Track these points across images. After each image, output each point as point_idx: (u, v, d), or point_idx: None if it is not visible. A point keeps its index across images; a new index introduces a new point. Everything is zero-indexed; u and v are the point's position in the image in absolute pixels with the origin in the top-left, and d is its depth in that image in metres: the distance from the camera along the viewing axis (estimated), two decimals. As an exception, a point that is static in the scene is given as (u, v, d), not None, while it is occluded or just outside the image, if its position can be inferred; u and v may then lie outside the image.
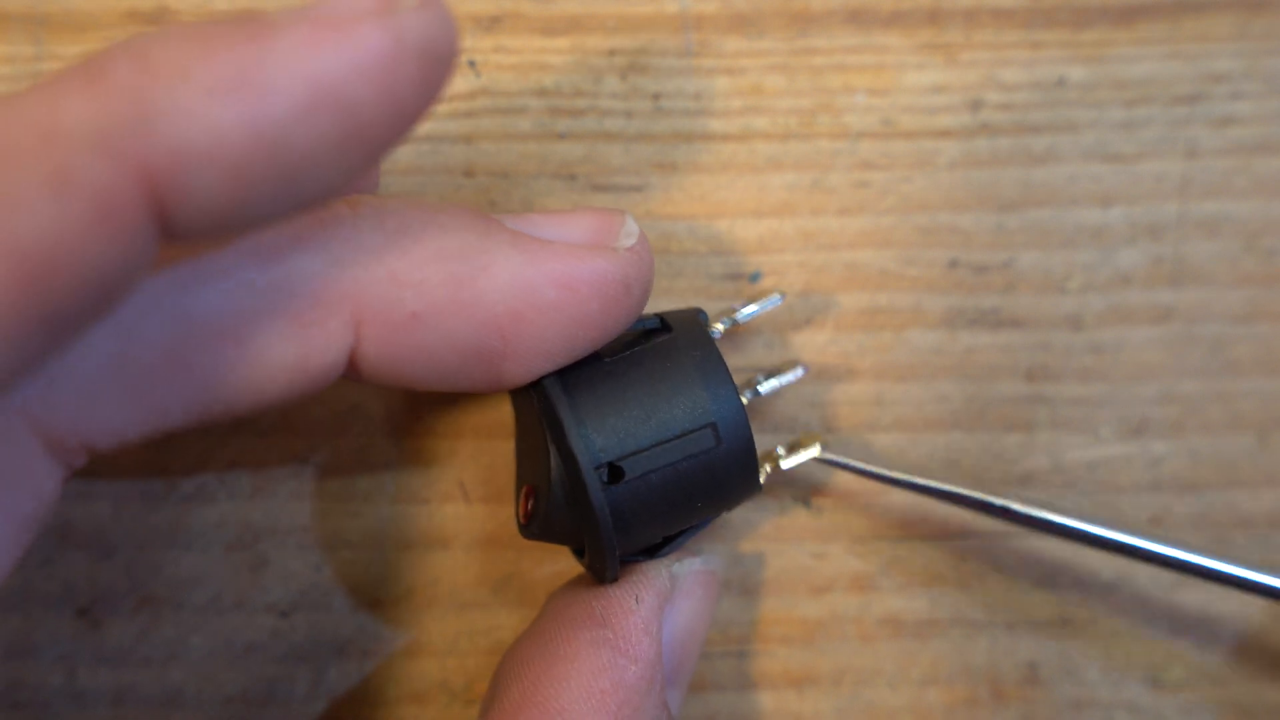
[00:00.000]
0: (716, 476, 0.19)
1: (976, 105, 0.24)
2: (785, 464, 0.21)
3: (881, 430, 0.23)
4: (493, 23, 0.23)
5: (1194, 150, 0.24)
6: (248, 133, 0.13)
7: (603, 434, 0.18)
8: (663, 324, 0.19)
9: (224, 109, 0.13)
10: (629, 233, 0.19)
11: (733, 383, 0.19)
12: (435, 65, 0.15)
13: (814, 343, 0.23)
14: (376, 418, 0.23)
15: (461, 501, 0.23)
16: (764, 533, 0.23)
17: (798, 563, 0.23)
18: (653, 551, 0.20)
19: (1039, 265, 0.23)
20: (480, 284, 0.17)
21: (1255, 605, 0.23)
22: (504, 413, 0.23)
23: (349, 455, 0.23)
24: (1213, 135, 0.24)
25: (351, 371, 0.17)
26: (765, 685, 0.23)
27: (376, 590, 0.23)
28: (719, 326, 0.21)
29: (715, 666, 0.23)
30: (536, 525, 0.19)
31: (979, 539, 0.23)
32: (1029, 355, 0.23)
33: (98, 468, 0.22)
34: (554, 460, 0.18)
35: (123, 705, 0.22)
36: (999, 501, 0.21)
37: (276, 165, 0.14)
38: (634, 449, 0.18)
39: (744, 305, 0.21)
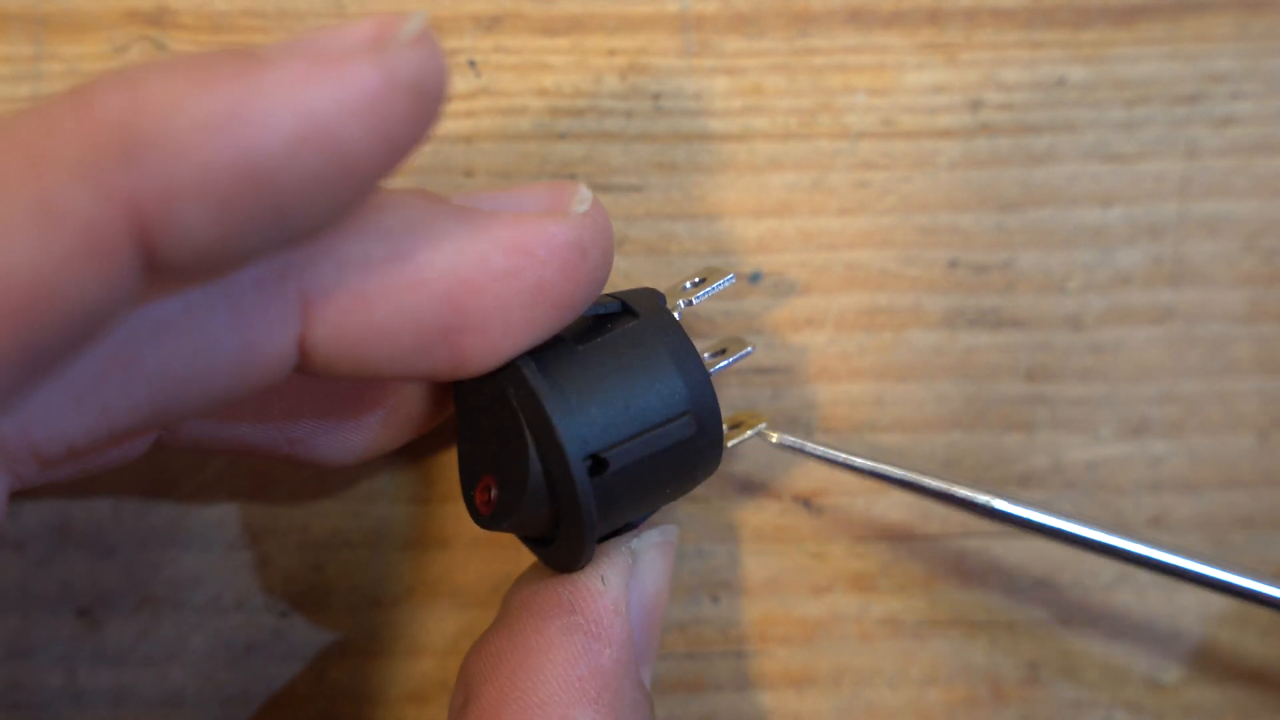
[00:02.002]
0: (689, 463, 0.19)
1: (976, 105, 0.24)
2: (730, 443, 0.21)
3: (881, 430, 0.23)
4: (493, 23, 0.23)
5: (1194, 150, 0.24)
6: (237, 168, 0.13)
7: (586, 424, 0.17)
8: (625, 307, 0.19)
9: (214, 143, 0.13)
10: (582, 199, 0.18)
11: (706, 370, 0.19)
12: (426, 102, 0.15)
13: (814, 343, 0.23)
14: (376, 418, 0.23)
15: (461, 501, 0.23)
16: (764, 533, 0.23)
17: (798, 563, 0.23)
18: (612, 534, 0.20)
19: (1039, 265, 0.23)
20: (425, 256, 0.16)
21: (1255, 605, 0.23)
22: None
23: (349, 455, 0.23)
24: (1213, 135, 0.24)
25: (306, 363, 0.17)
26: (765, 685, 0.23)
27: (376, 590, 0.23)
28: (679, 307, 0.20)
29: (715, 666, 0.23)
30: (506, 517, 0.18)
31: (979, 539, 0.23)
32: (1029, 355, 0.23)
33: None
34: (532, 450, 0.17)
35: (123, 705, 0.22)
36: (954, 491, 0.20)
37: (265, 201, 0.14)
38: (617, 439, 0.18)
39: (695, 283, 0.21)
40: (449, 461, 0.23)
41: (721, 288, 0.21)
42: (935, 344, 0.23)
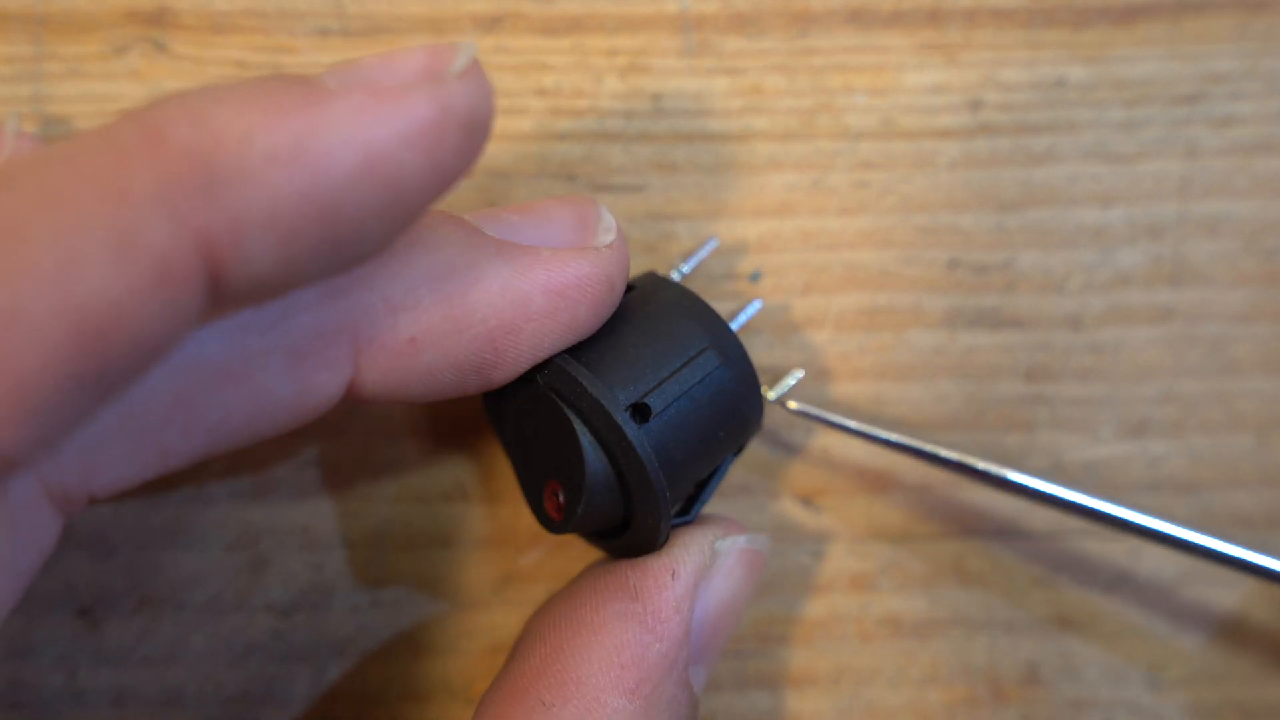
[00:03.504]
0: (728, 397, 0.19)
1: (976, 105, 0.24)
2: (772, 395, 0.21)
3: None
4: (493, 23, 0.23)
5: (1194, 150, 0.24)
6: (304, 199, 0.13)
7: (618, 382, 0.18)
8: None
9: (283, 176, 0.13)
10: (607, 227, 0.19)
11: (711, 307, 0.19)
12: (475, 133, 0.15)
13: (814, 343, 0.23)
14: (376, 418, 0.23)
15: (462, 501, 0.23)
16: (764, 533, 0.23)
17: (798, 563, 0.23)
18: (686, 509, 0.20)
19: (1039, 265, 0.23)
20: (472, 300, 0.17)
21: (1255, 605, 0.23)
22: (504, 413, 0.23)
23: (349, 455, 0.23)
24: (1213, 135, 0.24)
25: (350, 398, 0.17)
26: (765, 685, 0.23)
27: (376, 590, 0.23)
28: (671, 277, 0.21)
29: (715, 666, 0.23)
30: (577, 506, 0.18)
31: (979, 539, 0.23)
32: (1029, 355, 0.23)
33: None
34: (582, 434, 0.18)
35: (123, 705, 0.22)
36: (970, 462, 0.21)
37: (325, 230, 0.14)
38: (651, 385, 0.18)
39: (685, 261, 0.22)
40: (449, 462, 0.23)
41: (708, 252, 0.22)
42: (935, 344, 0.23)
